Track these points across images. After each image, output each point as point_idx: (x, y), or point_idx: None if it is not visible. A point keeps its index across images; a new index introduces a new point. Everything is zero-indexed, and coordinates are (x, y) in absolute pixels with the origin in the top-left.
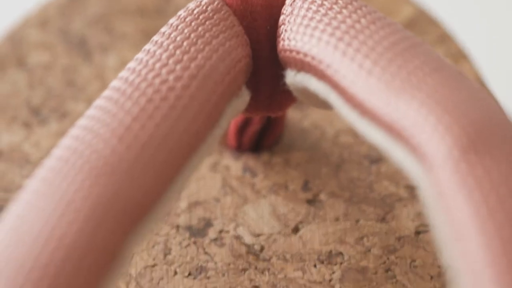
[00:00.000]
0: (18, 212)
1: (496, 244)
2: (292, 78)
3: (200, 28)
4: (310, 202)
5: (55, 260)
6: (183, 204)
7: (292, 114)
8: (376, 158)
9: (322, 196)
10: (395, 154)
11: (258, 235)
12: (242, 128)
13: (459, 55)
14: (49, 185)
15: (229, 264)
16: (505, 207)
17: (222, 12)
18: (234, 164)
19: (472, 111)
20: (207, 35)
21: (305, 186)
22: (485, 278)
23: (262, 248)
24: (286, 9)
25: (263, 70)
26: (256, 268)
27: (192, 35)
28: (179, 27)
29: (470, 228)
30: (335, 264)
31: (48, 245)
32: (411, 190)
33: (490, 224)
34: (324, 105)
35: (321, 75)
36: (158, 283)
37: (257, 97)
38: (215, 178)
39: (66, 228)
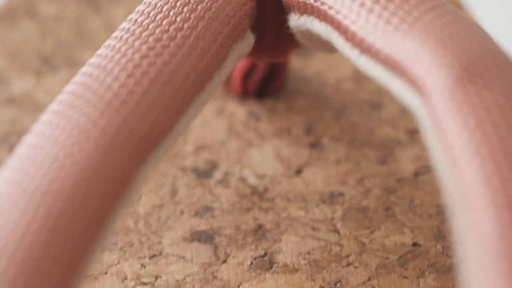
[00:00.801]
0: (32, 140)
1: (489, 165)
2: (295, 21)
3: None
4: (313, 145)
5: (65, 186)
6: (189, 147)
7: (295, 62)
8: (377, 104)
9: (324, 140)
10: (395, 87)
11: (262, 177)
12: (247, 74)
13: (455, 3)
14: (66, 110)
15: (234, 204)
16: (499, 133)
17: None
18: (239, 110)
19: (468, 44)
20: None
21: (308, 131)
22: (479, 197)
23: (266, 189)
24: None
25: (268, 14)
26: (260, 207)
27: None
28: None
29: (465, 153)
30: (337, 204)
31: (59, 170)
32: (411, 134)
33: (485, 148)
34: (326, 46)
35: (323, 17)
36: (166, 222)
37: (261, 41)
38: (220, 123)
39: (77, 155)
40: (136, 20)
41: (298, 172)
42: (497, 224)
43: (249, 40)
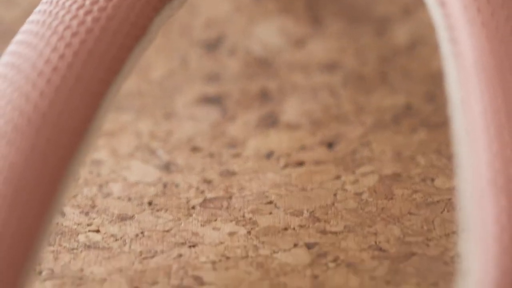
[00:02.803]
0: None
1: (485, 45)
2: None
3: None
4: (314, 20)
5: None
6: (198, 21)
7: None
8: None
9: (325, 16)
10: None
11: (267, 48)
12: None
13: None
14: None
15: (241, 72)
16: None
17: None
18: None
19: None
20: None
21: (310, 7)
22: (471, 73)
23: (271, 59)
24: None
25: None
26: (265, 75)
27: None
28: None
29: (464, 32)
30: (336, 72)
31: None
32: (407, 10)
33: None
34: None
35: None
36: (177, 86)
37: None
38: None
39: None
40: None
41: (301, 44)
42: None
43: None
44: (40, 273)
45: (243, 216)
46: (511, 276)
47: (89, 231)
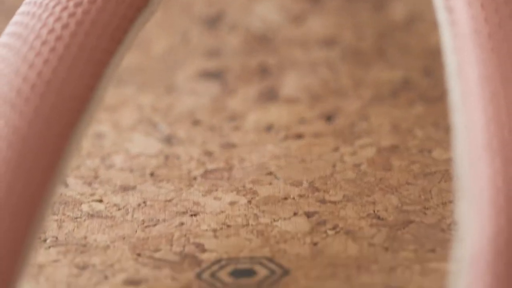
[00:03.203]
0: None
1: (480, 13)
2: None
3: None
4: None
5: None
6: None
7: None
8: None
9: None
10: None
11: (267, 25)
12: None
13: None
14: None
15: (241, 48)
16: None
17: None
18: None
19: None
20: None
21: None
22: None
23: (270, 35)
24: None
25: None
26: (265, 50)
27: None
28: None
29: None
30: (335, 47)
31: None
32: None
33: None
34: None
35: None
36: (179, 61)
37: None
38: None
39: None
40: None
41: (300, 20)
42: None
43: None
44: (44, 240)
45: (244, 186)
46: (506, 235)
47: (92, 200)
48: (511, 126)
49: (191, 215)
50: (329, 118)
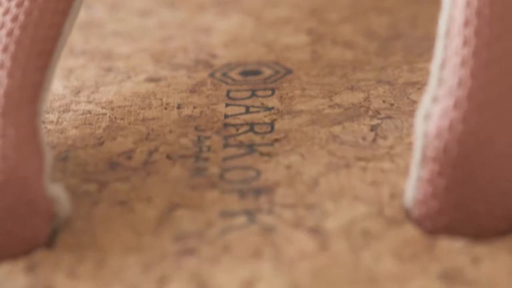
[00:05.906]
0: None
1: None
2: None
3: None
4: None
5: None
6: None
7: None
8: None
9: None
10: None
11: None
12: None
13: None
14: None
15: None
16: None
17: None
18: None
19: None
20: None
21: None
22: None
23: None
24: None
25: None
26: None
27: None
28: None
29: None
30: None
31: None
32: None
33: None
34: None
35: None
36: None
37: None
38: None
39: None
40: None
41: None
42: None
43: None
44: (71, 50)
45: (251, 8)
46: None
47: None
48: None
49: (204, 33)
50: None
